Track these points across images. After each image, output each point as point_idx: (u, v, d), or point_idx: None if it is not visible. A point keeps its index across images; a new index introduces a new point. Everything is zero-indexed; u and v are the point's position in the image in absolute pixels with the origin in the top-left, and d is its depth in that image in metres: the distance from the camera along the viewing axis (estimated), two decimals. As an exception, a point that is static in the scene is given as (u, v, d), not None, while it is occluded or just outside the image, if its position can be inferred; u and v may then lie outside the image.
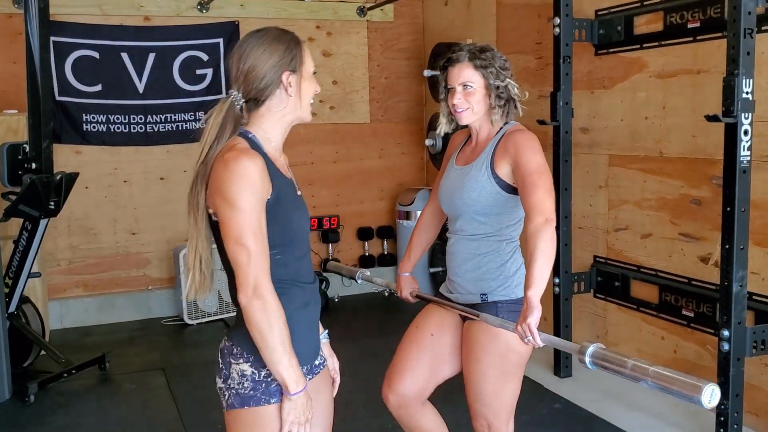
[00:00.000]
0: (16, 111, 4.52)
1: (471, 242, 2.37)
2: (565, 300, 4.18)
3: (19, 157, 3.99)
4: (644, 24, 3.88)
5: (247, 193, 1.66)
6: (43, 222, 4.09)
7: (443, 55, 2.47)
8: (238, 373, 1.76)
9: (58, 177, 4.06)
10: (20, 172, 3.97)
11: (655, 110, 3.86)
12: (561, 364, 4.18)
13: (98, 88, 5.42)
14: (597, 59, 4.25)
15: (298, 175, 1.98)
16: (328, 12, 6.04)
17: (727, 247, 3.00)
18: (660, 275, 3.89)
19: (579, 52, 4.29)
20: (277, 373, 1.69)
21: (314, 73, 1.87)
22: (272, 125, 1.82)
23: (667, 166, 3.81)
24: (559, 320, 4.18)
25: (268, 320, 1.66)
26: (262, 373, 1.74)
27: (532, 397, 3.89)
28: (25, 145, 4.00)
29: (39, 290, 4.81)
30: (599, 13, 4.16)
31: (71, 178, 4.13)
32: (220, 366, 1.81)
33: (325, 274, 5.88)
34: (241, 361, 1.76)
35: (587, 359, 1.94)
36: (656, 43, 3.80)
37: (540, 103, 4.45)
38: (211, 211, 1.76)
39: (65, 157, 5.23)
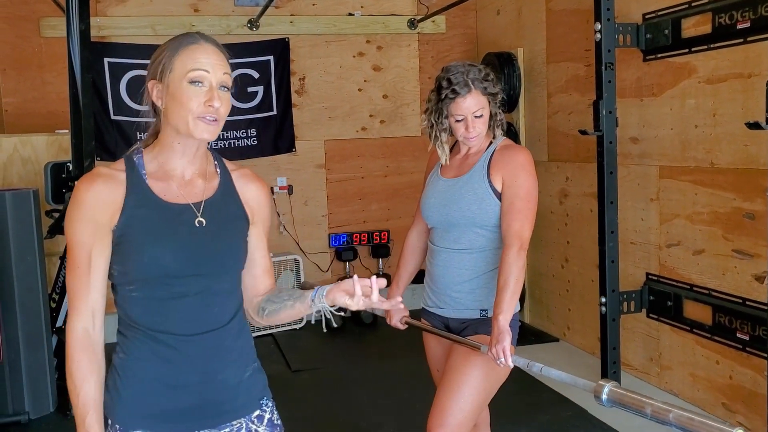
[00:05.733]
0: (67, 131, 4.66)
1: (468, 256, 2.31)
2: (612, 320, 3.96)
3: (63, 175, 4.11)
4: (692, 27, 3.64)
5: (71, 224, 1.52)
6: (86, 239, 4.18)
7: (445, 81, 2.30)
8: None
9: (100, 195, 4.15)
10: (64, 191, 4.08)
11: (705, 118, 3.61)
12: (609, 388, 3.95)
13: (151, 107, 5.54)
14: (645, 65, 4.02)
15: (348, 189, 1.66)
16: (379, 26, 6.00)
17: (775, 265, 2.75)
18: (713, 295, 3.62)
19: (627, 59, 4.09)
20: None
21: (202, 84, 1.52)
22: (162, 145, 1.60)
23: (718, 177, 3.55)
24: (606, 341, 3.96)
25: (66, 361, 1.52)
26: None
27: (574, 425, 3.69)
28: (68, 164, 4.12)
29: (91, 305, 4.92)
30: (647, 16, 3.94)
31: (113, 196, 4.21)
32: None
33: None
34: None
35: (604, 399, 1.81)
36: (705, 47, 3.56)
37: (590, 111, 4.24)
38: None
39: (121, 175, 5.36)
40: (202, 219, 1.58)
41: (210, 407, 1.60)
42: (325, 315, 5.41)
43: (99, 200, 1.52)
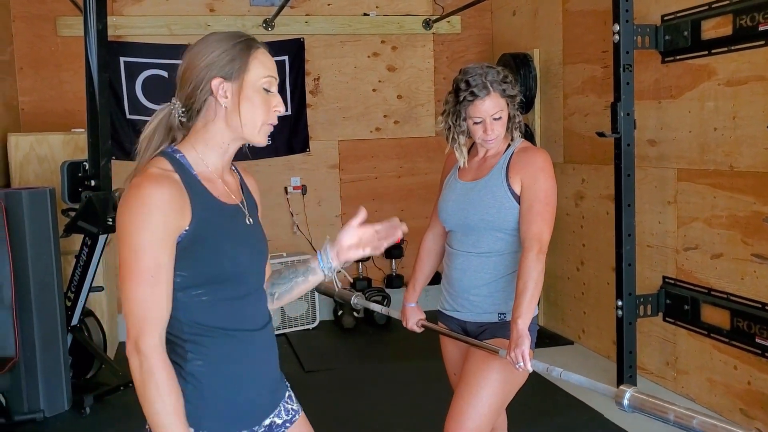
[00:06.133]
0: (83, 130, 4.67)
1: (487, 259, 2.29)
2: (628, 324, 3.92)
3: (79, 174, 4.11)
4: (712, 28, 3.61)
5: (141, 228, 1.41)
6: (102, 238, 4.20)
7: (463, 83, 2.28)
8: None
9: (116, 194, 4.16)
10: (80, 189, 4.09)
11: (725, 121, 3.57)
12: (624, 392, 3.92)
13: (167, 106, 5.54)
14: (663, 67, 3.98)
15: (362, 190, 1.73)
16: (394, 26, 5.99)
17: (796, 271, 2.71)
18: (731, 299, 3.58)
19: (645, 60, 4.05)
20: None
21: (271, 90, 1.56)
22: (206, 144, 1.56)
23: (737, 180, 3.51)
24: (622, 345, 3.93)
25: (143, 380, 1.41)
26: None
27: (590, 429, 3.66)
28: (84, 163, 4.12)
29: (105, 304, 4.94)
30: (665, 18, 3.90)
31: (128, 195, 4.22)
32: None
33: (387, 290, 5.81)
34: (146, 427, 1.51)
35: (626, 404, 1.79)
36: (725, 49, 3.52)
37: (607, 113, 4.21)
38: None
39: (135, 174, 5.36)
40: (250, 218, 1.63)
41: (272, 395, 1.68)
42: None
43: (170, 205, 1.44)
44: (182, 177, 1.51)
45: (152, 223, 1.42)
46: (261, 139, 1.58)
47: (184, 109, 1.56)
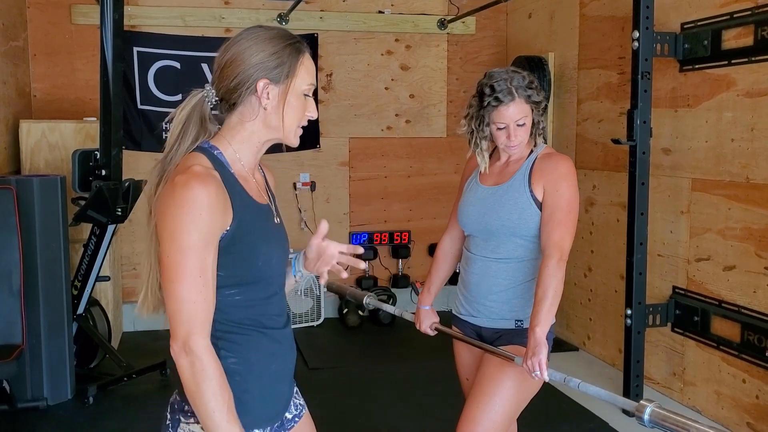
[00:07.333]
0: (95, 119, 4.66)
1: (506, 265, 2.27)
2: (637, 333, 3.90)
3: (90, 163, 4.10)
4: (733, 38, 3.58)
5: (191, 229, 1.40)
6: (110, 227, 4.19)
7: (488, 88, 2.26)
8: None
9: (126, 184, 4.15)
10: (90, 179, 4.07)
11: (743, 132, 3.54)
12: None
13: (178, 97, 5.45)
14: (681, 76, 3.96)
15: (371, 188, 1.73)
16: (408, 25, 5.96)
17: (813, 286, 2.69)
18: (743, 312, 3.56)
19: (662, 68, 4.02)
20: None
21: (309, 95, 1.58)
22: (242, 142, 1.55)
23: (753, 193, 3.49)
24: (630, 354, 3.91)
25: (195, 381, 1.40)
26: None
27: (595, 436, 3.65)
28: (96, 152, 4.11)
29: (111, 293, 4.93)
30: (685, 26, 3.88)
31: (138, 186, 4.21)
32: (167, 422, 1.56)
33: (393, 290, 5.80)
34: (192, 420, 1.50)
35: (646, 419, 1.78)
36: (746, 59, 3.49)
37: (621, 120, 4.20)
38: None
39: (145, 164, 5.32)
40: (278, 217, 1.64)
41: (289, 390, 1.71)
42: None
43: (217, 204, 1.43)
44: (221, 175, 1.49)
45: (201, 223, 1.41)
46: (295, 141, 1.59)
47: (218, 99, 1.54)
